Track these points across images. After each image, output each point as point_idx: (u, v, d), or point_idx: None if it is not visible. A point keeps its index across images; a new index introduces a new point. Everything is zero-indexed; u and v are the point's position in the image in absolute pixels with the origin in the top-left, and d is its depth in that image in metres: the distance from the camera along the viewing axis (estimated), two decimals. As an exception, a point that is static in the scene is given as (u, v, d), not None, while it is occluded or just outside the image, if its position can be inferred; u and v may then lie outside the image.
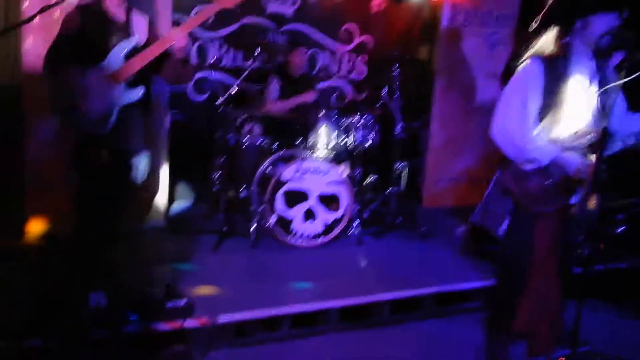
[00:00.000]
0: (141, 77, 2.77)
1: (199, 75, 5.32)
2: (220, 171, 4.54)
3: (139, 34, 2.83)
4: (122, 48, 2.72)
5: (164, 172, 4.38)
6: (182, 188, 5.21)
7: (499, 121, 2.53)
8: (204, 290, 3.33)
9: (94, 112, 2.64)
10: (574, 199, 2.53)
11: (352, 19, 6.04)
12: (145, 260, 3.64)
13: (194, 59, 5.24)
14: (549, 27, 2.56)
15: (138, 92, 2.74)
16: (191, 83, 5.30)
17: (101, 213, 2.71)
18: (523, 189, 2.54)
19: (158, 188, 4.28)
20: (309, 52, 5.48)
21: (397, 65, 4.86)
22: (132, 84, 2.73)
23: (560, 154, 2.45)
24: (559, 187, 2.49)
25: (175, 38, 2.76)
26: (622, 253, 4.34)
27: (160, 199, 4.38)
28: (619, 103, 2.58)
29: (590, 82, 2.51)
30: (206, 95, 5.38)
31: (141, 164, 2.89)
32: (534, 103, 2.45)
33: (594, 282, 3.81)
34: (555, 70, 2.44)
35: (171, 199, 4.86)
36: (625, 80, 2.34)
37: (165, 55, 2.78)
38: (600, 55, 2.47)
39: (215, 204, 4.71)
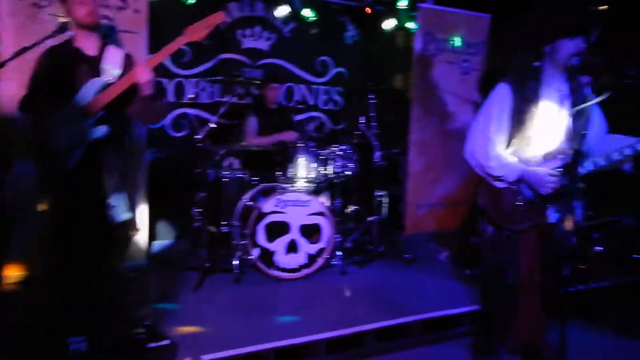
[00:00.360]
0: (112, 114, 2.77)
1: (177, 112, 5.34)
2: (201, 207, 4.51)
3: (114, 69, 2.84)
4: (93, 84, 2.73)
5: (144, 210, 4.34)
6: (163, 225, 5.17)
7: (467, 142, 2.64)
8: (187, 329, 3.27)
9: (62, 147, 2.63)
10: (550, 217, 2.56)
11: (327, 51, 6.15)
12: (126, 301, 3.57)
13: (171, 97, 5.27)
14: (519, 52, 2.65)
15: (103, 129, 2.73)
16: (169, 120, 5.31)
17: (75, 253, 2.67)
18: (497, 207, 2.59)
19: (135, 227, 4.23)
20: (285, 85, 5.55)
21: (373, 94, 4.92)
22: (102, 120, 2.73)
23: (532, 173, 2.50)
24: (531, 206, 2.54)
25: (140, 73, 2.74)
26: (603, 272, 4.39)
27: (141, 237, 4.33)
28: (600, 124, 2.65)
29: (562, 104, 2.58)
30: (185, 132, 5.39)
31: (118, 202, 2.86)
32: (500, 124, 2.53)
33: (578, 302, 3.87)
34: (524, 94, 2.51)
35: (152, 236, 4.81)
36: (593, 102, 2.42)
37: (134, 91, 2.78)
38: (572, 76, 2.55)
39: (196, 240, 4.67)
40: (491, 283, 2.77)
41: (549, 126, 2.55)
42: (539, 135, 2.54)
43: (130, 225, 3.08)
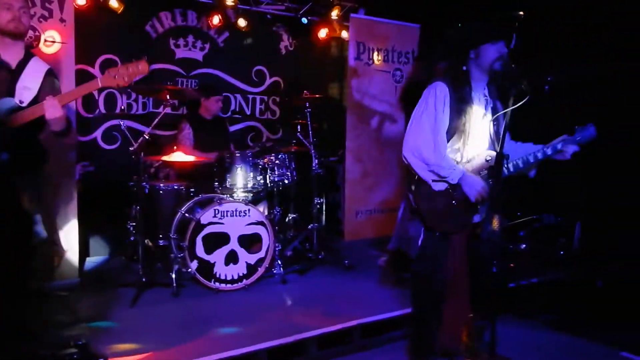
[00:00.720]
0: (20, 137, 2.64)
1: (108, 123, 5.19)
2: (136, 220, 4.39)
3: (31, 86, 2.72)
4: (3, 103, 2.60)
5: (74, 225, 4.18)
6: (96, 241, 5.00)
7: (410, 140, 2.66)
8: (124, 347, 3.17)
9: None
10: (476, 218, 2.68)
11: (262, 61, 6.17)
12: (58, 320, 3.43)
13: (102, 108, 5.12)
14: (447, 58, 2.76)
15: (4, 155, 2.60)
16: (100, 132, 5.15)
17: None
18: (431, 209, 2.67)
19: (57, 246, 4.07)
20: (222, 95, 5.50)
21: (309, 103, 4.98)
22: (4, 144, 2.61)
23: (468, 178, 2.60)
24: (463, 207, 2.64)
25: (48, 109, 2.60)
26: (529, 269, 4.62)
27: (72, 254, 4.17)
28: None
29: (486, 109, 2.71)
30: (117, 144, 5.24)
31: (37, 222, 2.74)
32: (444, 123, 2.61)
33: (508, 299, 4.05)
34: (459, 95, 2.62)
35: (84, 253, 4.64)
36: (515, 106, 2.55)
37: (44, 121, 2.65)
38: (495, 80, 2.69)
39: (132, 254, 4.54)
40: (423, 285, 2.84)
41: (477, 129, 2.67)
42: (470, 137, 2.65)
43: (50, 245, 2.97)
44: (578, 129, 2.61)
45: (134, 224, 4.46)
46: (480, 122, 2.68)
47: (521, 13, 2.58)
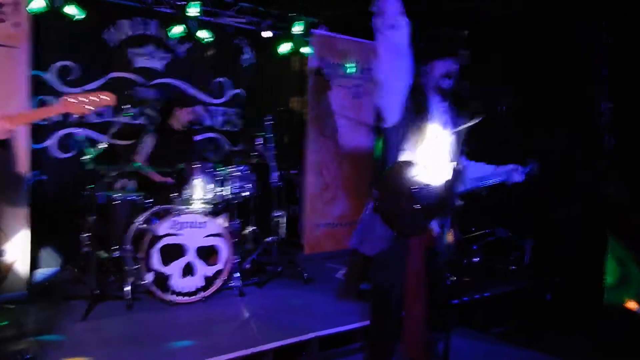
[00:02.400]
0: None
1: (62, 132, 5.06)
2: (90, 231, 4.28)
3: None
4: None
5: (25, 236, 4.04)
6: (46, 252, 4.84)
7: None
8: (74, 361, 3.08)
9: None
10: (434, 226, 2.72)
11: (223, 73, 6.16)
12: (4, 334, 3.30)
13: (56, 116, 4.99)
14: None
15: None
16: (54, 140, 5.02)
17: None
18: (394, 211, 2.69)
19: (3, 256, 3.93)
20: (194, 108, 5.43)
21: (270, 116, 4.99)
22: None
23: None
24: (424, 211, 2.67)
25: None
26: (484, 281, 4.74)
27: (21, 265, 4.02)
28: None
29: (444, 124, 2.79)
30: (72, 153, 5.11)
31: None
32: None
33: (461, 311, 4.14)
34: (416, 109, 2.69)
35: (34, 264, 4.48)
36: (467, 125, 2.64)
37: None
38: (447, 99, 2.77)
39: (85, 266, 4.41)
40: (381, 297, 2.86)
41: (435, 144, 2.74)
42: (429, 152, 2.71)
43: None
44: (530, 162, 2.74)
45: (88, 235, 4.34)
46: (437, 136, 2.75)
47: (466, 32, 2.68)
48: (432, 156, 2.73)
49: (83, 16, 4.90)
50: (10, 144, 2.65)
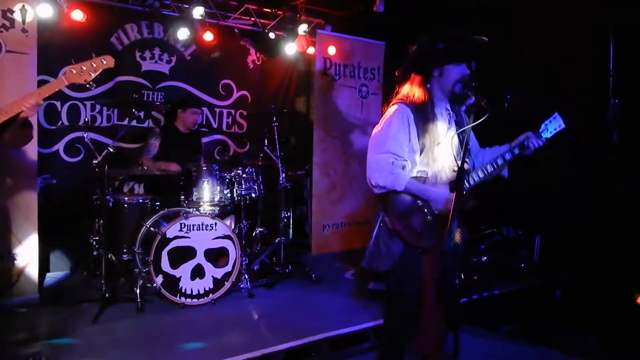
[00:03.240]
0: None
1: (71, 135, 5.09)
2: (100, 234, 4.30)
3: None
4: None
5: (34, 240, 4.07)
6: (56, 256, 4.87)
7: (368, 157, 2.69)
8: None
9: None
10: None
11: (229, 75, 6.17)
12: (16, 338, 3.32)
13: (64, 120, 5.02)
14: (412, 74, 2.82)
15: None
16: (63, 144, 5.05)
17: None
18: (408, 227, 2.68)
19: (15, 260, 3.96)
20: (200, 109, 5.46)
21: (277, 117, 5.00)
22: None
23: (432, 190, 2.65)
24: (439, 221, 2.68)
25: (28, 104, 2.58)
26: (493, 280, 4.72)
27: (32, 269, 4.05)
28: (474, 142, 2.89)
29: (449, 123, 2.79)
30: (80, 157, 5.14)
31: None
32: (399, 141, 2.64)
33: (471, 310, 4.13)
34: (423, 114, 2.68)
35: (44, 268, 4.51)
36: (475, 123, 2.63)
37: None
38: (454, 101, 2.77)
39: (95, 269, 4.44)
40: (397, 299, 2.87)
41: (441, 145, 2.74)
42: (439, 153, 2.71)
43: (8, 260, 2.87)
44: (544, 123, 2.70)
45: (97, 238, 4.37)
46: (444, 137, 2.75)
47: (486, 39, 2.66)
48: (441, 159, 2.72)
49: (89, 21, 4.94)
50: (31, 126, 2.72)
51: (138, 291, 4.01)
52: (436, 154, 2.69)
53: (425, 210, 2.66)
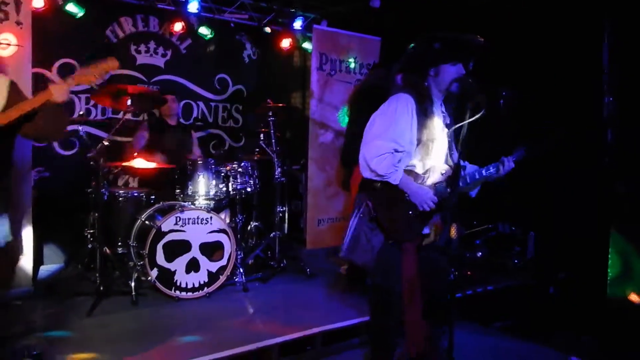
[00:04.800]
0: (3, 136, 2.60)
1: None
2: (94, 227, 4.30)
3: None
4: None
5: (29, 232, 4.06)
6: (51, 249, 4.86)
7: (362, 143, 2.70)
8: (80, 357, 3.09)
9: None
10: (426, 229, 2.74)
11: (225, 69, 6.16)
12: (11, 330, 3.32)
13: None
14: (408, 71, 2.83)
15: None
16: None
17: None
18: (390, 217, 2.71)
19: (19, 251, 3.95)
20: (183, 102, 5.47)
21: (272, 112, 5.00)
22: None
23: (415, 189, 2.67)
24: (419, 216, 2.70)
25: (58, 92, 2.61)
26: (487, 276, 4.75)
27: (26, 262, 4.04)
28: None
29: (445, 122, 2.80)
30: (75, 150, 5.13)
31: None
32: (400, 130, 2.65)
33: (466, 306, 4.15)
34: (423, 109, 2.69)
35: (39, 261, 4.50)
36: (471, 119, 2.64)
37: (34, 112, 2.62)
38: (449, 100, 2.78)
39: (89, 262, 4.44)
40: (381, 296, 2.89)
41: (437, 142, 2.75)
42: (434, 149, 2.73)
43: (11, 250, 2.88)
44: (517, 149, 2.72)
45: (92, 231, 4.36)
46: (440, 135, 2.77)
47: (482, 39, 2.68)
48: (435, 157, 2.74)
49: (84, 14, 4.91)
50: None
51: (133, 284, 4.01)
52: (430, 150, 2.71)
53: (410, 204, 2.69)
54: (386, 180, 2.66)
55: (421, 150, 2.70)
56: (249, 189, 4.71)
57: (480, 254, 4.82)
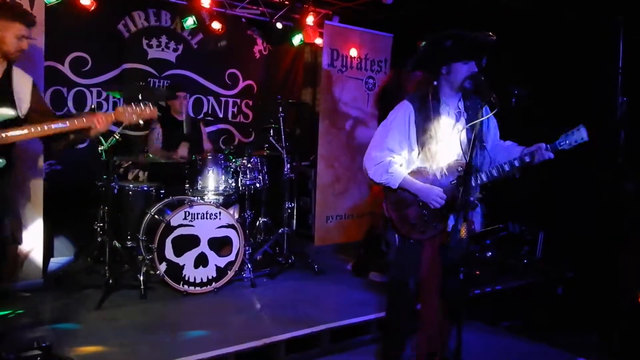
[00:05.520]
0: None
1: (77, 122, 5.09)
2: (104, 221, 4.32)
3: (24, 96, 2.71)
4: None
5: (40, 225, 4.09)
6: (61, 241, 4.89)
7: (368, 150, 2.84)
8: (88, 349, 3.11)
9: None
10: (449, 226, 2.74)
11: (236, 64, 6.16)
12: (21, 322, 3.35)
13: (71, 107, 5.03)
14: (419, 70, 2.84)
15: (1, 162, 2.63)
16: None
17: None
18: (402, 217, 2.74)
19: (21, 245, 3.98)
20: (193, 97, 5.48)
21: (282, 108, 4.99)
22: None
23: (420, 188, 2.68)
24: (433, 214, 2.71)
25: (101, 123, 2.81)
26: (496, 275, 4.73)
27: (36, 254, 4.07)
28: (495, 134, 2.89)
29: (458, 120, 2.78)
30: (86, 143, 5.14)
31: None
32: (398, 137, 2.74)
33: (473, 305, 4.13)
34: (426, 110, 2.70)
35: (49, 253, 4.53)
36: (483, 118, 2.63)
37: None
38: (466, 96, 2.77)
39: (98, 256, 4.46)
40: (397, 291, 2.90)
41: (447, 141, 2.74)
42: (440, 149, 2.72)
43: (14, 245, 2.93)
44: (563, 135, 2.64)
45: (102, 224, 4.38)
46: (449, 134, 2.75)
47: (494, 37, 2.65)
48: (445, 156, 2.73)
49: (96, 7, 4.93)
50: None
51: (141, 278, 4.03)
52: (435, 152, 2.71)
53: (421, 203, 2.72)
54: (386, 185, 2.78)
55: (427, 152, 2.71)
56: (258, 185, 4.71)
57: (489, 253, 4.79)
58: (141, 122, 2.96)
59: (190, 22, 5.54)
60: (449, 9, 5.23)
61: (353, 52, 6.05)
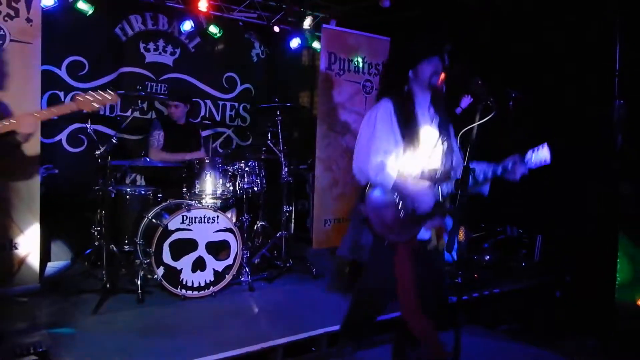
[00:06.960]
0: None
1: (74, 126, 5.09)
2: (101, 225, 4.31)
3: None
4: None
5: (36, 230, 4.08)
6: (58, 246, 4.88)
7: (355, 154, 2.77)
8: (85, 354, 3.10)
9: None
10: (423, 232, 2.72)
11: (233, 68, 6.16)
12: (17, 326, 3.33)
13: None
14: (392, 76, 2.84)
15: None
16: (65, 134, 5.06)
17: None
18: (380, 219, 2.72)
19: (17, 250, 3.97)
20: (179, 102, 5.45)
21: (280, 111, 4.99)
22: None
23: (410, 189, 2.66)
24: (410, 219, 2.69)
25: (26, 125, 2.72)
26: (494, 279, 4.72)
27: (33, 259, 4.06)
28: (457, 155, 2.86)
29: (432, 123, 2.78)
30: (83, 147, 5.15)
31: None
32: (385, 136, 2.68)
33: (472, 309, 4.13)
34: (404, 112, 2.69)
35: (45, 258, 4.52)
36: (481, 121, 2.62)
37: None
38: (436, 98, 2.76)
39: (96, 260, 4.45)
40: (364, 296, 2.94)
41: (426, 144, 2.73)
42: (419, 152, 2.71)
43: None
44: (531, 150, 2.63)
45: (99, 228, 4.37)
46: (427, 137, 2.75)
47: (446, 23, 2.67)
48: (427, 158, 2.72)
49: (93, 11, 4.93)
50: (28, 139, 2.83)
51: (139, 282, 4.02)
52: (416, 152, 2.70)
53: (399, 206, 2.68)
54: (380, 184, 2.70)
55: (406, 153, 2.70)
56: (255, 189, 4.70)
57: (488, 257, 4.79)
58: (101, 107, 2.98)
59: (187, 25, 5.54)
60: (446, 11, 5.24)
61: (351, 56, 6.05)
